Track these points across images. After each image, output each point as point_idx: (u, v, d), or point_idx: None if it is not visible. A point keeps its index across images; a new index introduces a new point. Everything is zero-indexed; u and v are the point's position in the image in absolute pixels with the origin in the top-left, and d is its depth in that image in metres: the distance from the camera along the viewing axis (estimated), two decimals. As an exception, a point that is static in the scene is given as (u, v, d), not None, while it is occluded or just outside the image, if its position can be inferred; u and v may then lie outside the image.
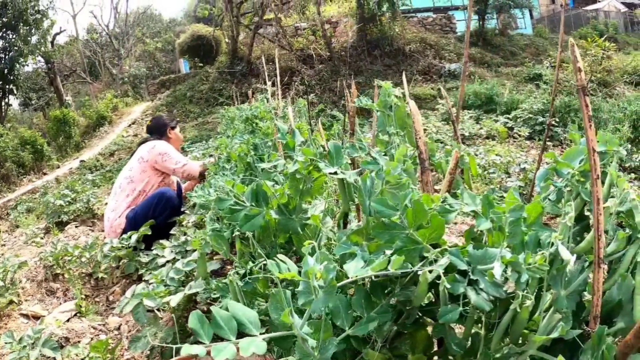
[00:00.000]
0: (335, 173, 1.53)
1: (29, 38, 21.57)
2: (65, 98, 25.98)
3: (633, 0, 43.13)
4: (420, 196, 1.34)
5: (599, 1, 38.73)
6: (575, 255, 1.26)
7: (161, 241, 3.38)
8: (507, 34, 27.19)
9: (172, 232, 3.50)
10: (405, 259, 1.22)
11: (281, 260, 1.09)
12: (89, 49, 36.01)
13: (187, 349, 1.01)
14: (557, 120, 11.80)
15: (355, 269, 1.16)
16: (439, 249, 1.29)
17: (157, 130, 4.60)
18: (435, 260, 1.27)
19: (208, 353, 1.06)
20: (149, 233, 3.50)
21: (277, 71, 4.27)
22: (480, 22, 26.47)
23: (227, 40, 23.81)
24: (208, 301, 2.61)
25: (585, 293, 1.41)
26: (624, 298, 1.35)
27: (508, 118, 12.33)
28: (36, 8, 21.67)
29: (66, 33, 37.63)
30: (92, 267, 3.63)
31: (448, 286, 1.19)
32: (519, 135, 10.66)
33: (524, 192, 5.36)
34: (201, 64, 24.63)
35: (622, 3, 39.92)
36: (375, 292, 1.34)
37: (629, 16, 37.07)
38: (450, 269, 1.26)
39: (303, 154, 1.60)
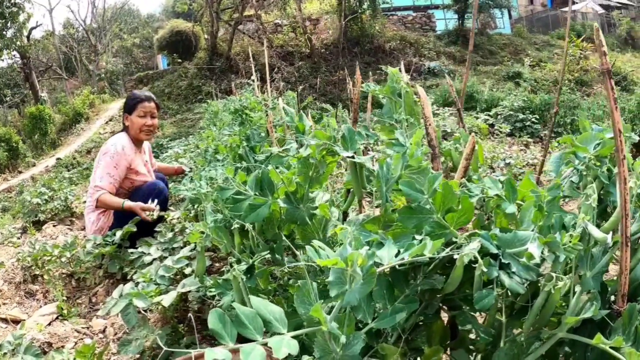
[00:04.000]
0: (352, 157, 1.45)
1: (4, 32, 20.97)
2: (40, 94, 25.37)
3: (610, 3, 43.99)
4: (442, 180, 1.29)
5: (577, 3, 39.32)
6: (610, 233, 1.23)
7: (146, 238, 3.24)
8: (487, 34, 27.46)
9: (156, 229, 3.36)
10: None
11: (319, 247, 1.00)
12: (65, 44, 35.21)
13: (211, 354, 0.90)
14: (537, 117, 11.96)
15: (389, 256, 1.07)
16: (467, 233, 1.23)
17: (123, 115, 4.04)
18: (461, 246, 1.21)
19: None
20: (134, 230, 3.35)
21: (267, 65, 4.20)
22: (460, 21, 26.70)
23: (206, 36, 23.60)
24: (200, 299, 2.51)
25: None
26: None
27: (489, 115, 12.43)
28: (12, 1, 21.09)
29: (42, 28, 36.91)
30: (72, 266, 3.48)
31: (485, 270, 1.12)
32: (500, 132, 10.73)
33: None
34: (180, 60, 24.33)
35: (600, 5, 40.63)
36: (398, 282, 1.27)
37: (606, 18, 37.74)
38: (479, 254, 1.20)
39: (316, 136, 1.51)
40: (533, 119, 11.84)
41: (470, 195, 1.42)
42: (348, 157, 1.45)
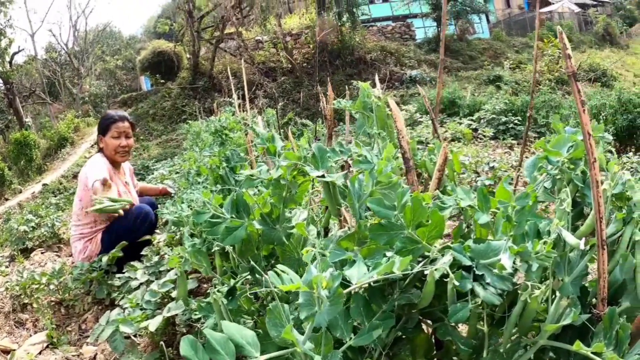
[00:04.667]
0: (323, 176, 1.45)
1: (-14, 58, 20.94)
2: (25, 120, 25.20)
3: (586, 1, 44.70)
4: (413, 194, 1.29)
5: (553, 3, 39.90)
6: (583, 239, 1.23)
7: (132, 263, 3.22)
8: (466, 39, 27.79)
9: (143, 252, 3.34)
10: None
11: (282, 271, 0.99)
12: (48, 68, 35.04)
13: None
14: (520, 119, 12.06)
15: (359, 275, 1.07)
16: (439, 247, 1.23)
17: (98, 138, 3.91)
18: (435, 260, 1.22)
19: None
20: (121, 255, 3.33)
21: (245, 83, 4.20)
22: (439, 29, 26.95)
23: (188, 55, 23.65)
24: (187, 323, 2.49)
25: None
26: (628, 278, 1.36)
27: (472, 120, 12.52)
28: (-7, 27, 21.02)
29: (24, 52, 36.57)
30: (61, 294, 3.45)
31: (457, 283, 1.12)
32: (484, 136, 10.82)
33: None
34: (163, 81, 24.34)
35: (576, 4, 41.28)
36: (375, 298, 1.26)
37: (583, 16, 38.34)
38: (452, 266, 1.20)
39: (286, 158, 1.51)
40: (515, 121, 11.94)
41: (443, 208, 1.41)
42: (318, 176, 1.45)
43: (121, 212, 3.25)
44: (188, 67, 23.69)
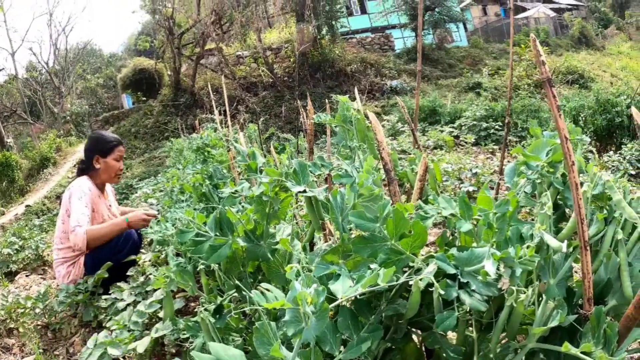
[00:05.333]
0: (304, 191, 1.45)
1: (-34, 79, 20.65)
2: (6, 140, 24.90)
3: (561, 5, 45.56)
4: (395, 205, 1.30)
5: (529, 9, 40.60)
6: (565, 241, 1.25)
7: (119, 284, 3.19)
8: (444, 48, 28.14)
9: (129, 272, 3.31)
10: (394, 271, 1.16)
11: (265, 289, 0.99)
12: (29, 87, 34.62)
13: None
14: (501, 124, 12.19)
15: (343, 289, 1.07)
16: (423, 257, 1.24)
17: (85, 154, 3.81)
18: (420, 269, 1.22)
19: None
20: (107, 276, 3.30)
21: (225, 99, 4.20)
22: (417, 39, 27.20)
23: (169, 72, 23.58)
24: (176, 343, 2.47)
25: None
26: (612, 276, 1.38)
27: (453, 127, 12.64)
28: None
29: (5, 72, 36.20)
30: (47, 317, 3.40)
31: (442, 292, 1.13)
32: (466, 143, 10.92)
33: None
34: (144, 98, 24.23)
35: (551, 9, 42.07)
36: (361, 311, 1.26)
37: (558, 20, 39.05)
38: (437, 275, 1.21)
39: (267, 174, 1.52)
40: (496, 126, 12.07)
41: (425, 217, 1.42)
42: (299, 192, 1.45)
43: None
44: (169, 84, 23.61)
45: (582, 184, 1.50)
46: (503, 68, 25.06)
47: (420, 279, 1.18)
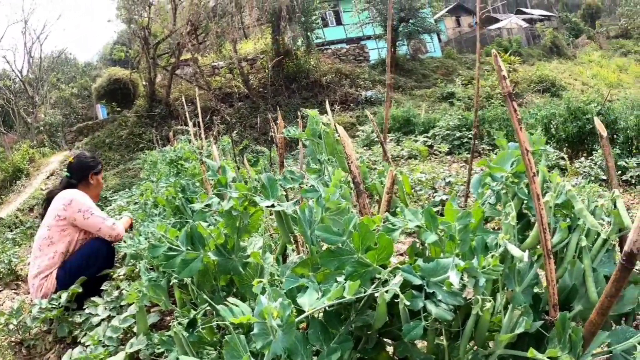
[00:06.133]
0: (273, 206, 1.48)
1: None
2: (-22, 151, 24.35)
3: (533, 16, 46.57)
4: (361, 219, 1.33)
5: (501, 20, 41.40)
6: (527, 251, 1.28)
7: (93, 298, 3.16)
8: (418, 59, 28.52)
9: (103, 287, 3.28)
10: (359, 284, 1.19)
11: (232, 304, 1.01)
12: (2, 96, 33.89)
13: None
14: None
15: (310, 302, 1.10)
16: (390, 268, 1.27)
17: (79, 171, 3.96)
18: (387, 281, 1.26)
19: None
20: (80, 291, 3.26)
21: (199, 110, 4.20)
22: (392, 49, 27.50)
23: (144, 82, 23.36)
24: (152, 357, 2.46)
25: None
26: (577, 282, 1.42)
27: (427, 137, 12.78)
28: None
29: (-22, 80, 35.40)
30: (21, 334, 3.34)
31: (407, 303, 1.16)
32: (440, 152, 11.06)
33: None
34: (119, 109, 23.92)
35: (523, 19, 42.97)
36: (331, 322, 1.28)
37: (530, 31, 39.90)
38: (404, 286, 1.24)
39: (237, 189, 1.54)
40: (470, 135, 12.23)
41: (392, 230, 1.45)
42: (268, 206, 1.48)
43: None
44: (144, 94, 23.39)
45: (545, 193, 1.55)
46: (476, 78, 25.41)
47: (386, 291, 1.20)
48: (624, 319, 1.47)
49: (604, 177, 7.50)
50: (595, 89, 20.88)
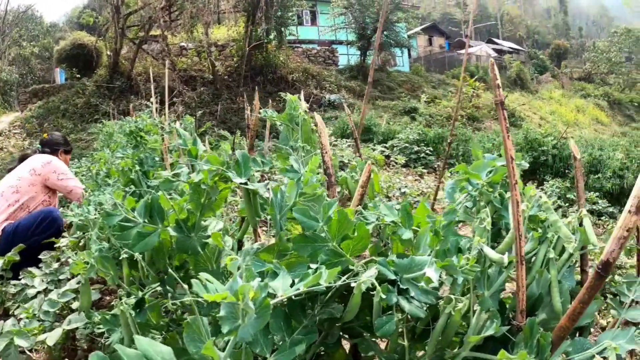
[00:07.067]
0: (245, 183, 1.40)
1: None
2: None
3: (502, 47, 47.99)
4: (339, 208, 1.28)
5: (472, 47, 42.42)
6: (505, 254, 1.30)
7: (30, 269, 2.97)
8: (386, 70, 28.82)
9: (42, 256, 3.09)
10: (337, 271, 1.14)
11: (206, 280, 0.92)
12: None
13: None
14: (431, 149, 12.61)
15: (283, 286, 1.03)
16: (363, 261, 1.22)
17: (51, 145, 4.34)
18: (358, 274, 1.21)
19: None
20: (17, 259, 3.06)
21: (166, 87, 4.08)
22: (362, 58, 27.77)
23: (109, 52, 22.59)
24: (90, 337, 2.32)
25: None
26: (543, 292, 1.45)
27: (385, 147, 12.95)
28: None
29: None
30: (-55, 301, 3.11)
31: (384, 296, 1.12)
32: (396, 163, 11.20)
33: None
34: (79, 76, 22.96)
35: (493, 49, 44.22)
36: (295, 313, 1.22)
37: (498, 61, 41.06)
38: (376, 280, 1.20)
39: (209, 161, 1.45)
40: (427, 151, 12.48)
41: (366, 223, 1.42)
42: (241, 183, 1.40)
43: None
44: (107, 64, 22.60)
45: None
46: (439, 97, 25.96)
47: (363, 282, 1.16)
48: (577, 332, 1.50)
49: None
50: (552, 125, 21.68)
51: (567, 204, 8.10)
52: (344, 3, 27.43)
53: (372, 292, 1.16)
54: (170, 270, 1.73)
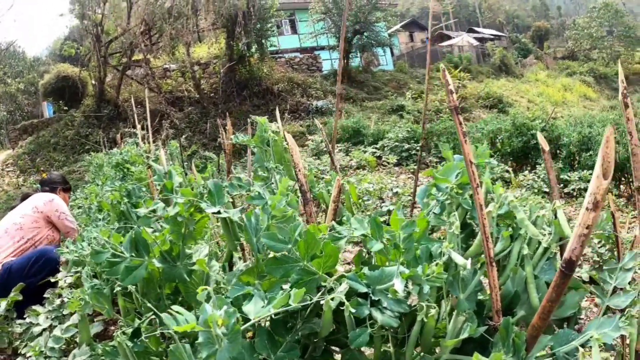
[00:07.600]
0: (219, 212, 1.47)
1: None
2: None
3: (484, 35, 48.14)
4: (307, 227, 1.34)
5: (454, 37, 42.56)
6: (470, 259, 1.33)
7: (34, 307, 3.03)
8: (371, 71, 28.91)
9: (45, 295, 3.15)
10: (305, 291, 1.20)
11: (176, 312, 0.99)
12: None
13: None
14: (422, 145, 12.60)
15: (256, 310, 1.10)
16: (335, 276, 1.28)
17: (49, 184, 4.51)
18: (333, 289, 1.27)
19: None
20: (20, 299, 3.12)
21: (148, 113, 4.13)
22: (345, 61, 27.84)
23: (93, 82, 22.58)
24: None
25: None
26: (519, 289, 1.47)
27: (376, 148, 12.95)
28: None
29: None
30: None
31: (353, 311, 1.18)
32: (388, 163, 11.24)
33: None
34: (66, 108, 22.90)
35: (474, 38, 44.33)
36: (278, 330, 1.28)
37: (481, 49, 41.18)
38: (350, 294, 1.26)
39: (182, 195, 1.52)
40: (418, 148, 12.45)
41: (338, 238, 1.47)
42: (214, 213, 1.47)
43: None
44: (93, 94, 22.56)
45: (488, 204, 1.62)
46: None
47: (332, 299, 1.22)
48: (566, 323, 1.53)
49: (547, 190, 7.79)
50: (540, 107, 21.73)
51: (561, 185, 8.14)
52: (322, 8, 27.51)
53: (341, 308, 1.22)
54: (161, 298, 1.80)
